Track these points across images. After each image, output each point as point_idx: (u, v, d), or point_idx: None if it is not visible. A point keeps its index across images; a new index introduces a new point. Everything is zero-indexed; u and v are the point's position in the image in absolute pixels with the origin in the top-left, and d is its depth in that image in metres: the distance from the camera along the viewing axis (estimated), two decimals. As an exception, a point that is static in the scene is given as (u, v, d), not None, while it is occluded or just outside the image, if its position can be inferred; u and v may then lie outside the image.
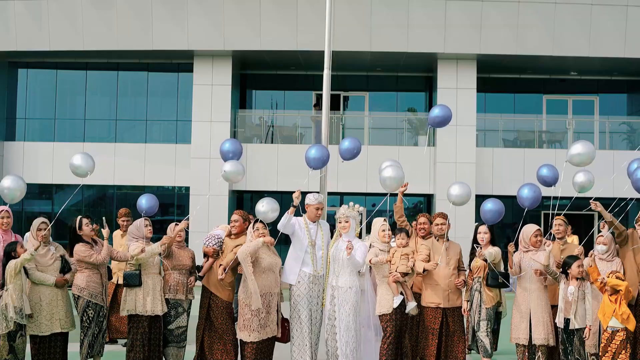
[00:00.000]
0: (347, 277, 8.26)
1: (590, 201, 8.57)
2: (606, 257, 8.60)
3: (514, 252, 8.61)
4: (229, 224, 8.95)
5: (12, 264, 7.84)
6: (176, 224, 8.62)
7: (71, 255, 8.39)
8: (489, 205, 9.06)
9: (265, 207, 8.46)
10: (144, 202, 8.74)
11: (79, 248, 8.24)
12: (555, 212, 9.18)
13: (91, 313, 8.23)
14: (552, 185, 9.28)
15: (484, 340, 8.47)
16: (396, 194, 8.96)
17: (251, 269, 8.02)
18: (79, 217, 8.43)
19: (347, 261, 8.19)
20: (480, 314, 8.57)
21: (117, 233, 10.75)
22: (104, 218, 8.83)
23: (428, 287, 8.54)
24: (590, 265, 8.26)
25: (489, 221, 9.05)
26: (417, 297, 8.66)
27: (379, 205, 9.38)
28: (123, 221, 10.63)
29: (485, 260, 8.47)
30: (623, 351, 7.95)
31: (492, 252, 8.60)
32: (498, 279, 8.59)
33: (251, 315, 8.08)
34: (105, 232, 8.49)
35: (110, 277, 9.26)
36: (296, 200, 8.39)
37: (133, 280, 8.33)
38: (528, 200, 8.93)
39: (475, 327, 8.62)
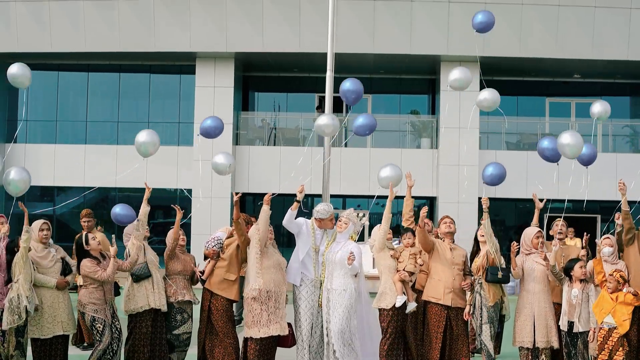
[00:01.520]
0: (342, 280, 8.17)
1: (619, 180, 8.50)
2: (611, 260, 8.55)
3: (517, 251, 8.57)
4: (230, 226, 8.92)
5: (18, 254, 7.82)
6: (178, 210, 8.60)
7: (78, 269, 8.31)
8: (490, 170, 9.01)
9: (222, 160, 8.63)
10: (118, 210, 8.65)
11: (85, 264, 8.11)
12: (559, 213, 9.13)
13: (99, 327, 8.04)
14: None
15: (487, 344, 8.42)
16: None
17: (259, 235, 8.09)
18: (84, 232, 8.37)
19: (341, 263, 8.13)
20: (482, 317, 8.52)
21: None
22: (113, 236, 8.73)
23: (430, 282, 8.47)
24: (595, 257, 8.21)
25: (490, 185, 9.00)
26: (419, 294, 8.60)
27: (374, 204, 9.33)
28: (84, 222, 10.39)
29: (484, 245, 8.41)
30: (620, 348, 7.90)
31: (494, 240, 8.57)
32: (497, 274, 8.49)
33: (260, 310, 8.06)
34: (112, 249, 8.35)
35: (117, 293, 9.05)
36: (299, 195, 8.34)
37: (144, 271, 8.26)
38: (548, 151, 8.90)
39: (477, 331, 8.57)
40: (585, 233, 9.14)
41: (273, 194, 8.32)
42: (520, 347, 8.45)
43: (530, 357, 8.36)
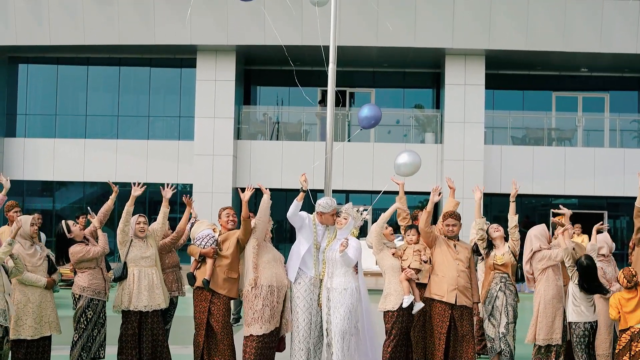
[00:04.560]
0: (342, 278, 7.89)
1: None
2: (605, 258, 8.39)
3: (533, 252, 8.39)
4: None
5: None
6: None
7: (67, 260, 8.06)
8: (365, 112, 9.02)
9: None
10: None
11: (75, 249, 7.93)
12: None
13: (90, 314, 7.92)
14: None
15: (511, 344, 8.24)
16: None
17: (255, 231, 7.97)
18: (63, 221, 8.12)
19: (341, 260, 7.84)
20: (508, 316, 8.28)
21: (5, 229, 9.67)
22: (88, 208, 8.60)
23: (434, 279, 8.19)
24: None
25: (365, 127, 9.22)
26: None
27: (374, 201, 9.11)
28: (15, 213, 9.81)
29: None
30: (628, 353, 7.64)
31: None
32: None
33: (262, 305, 7.82)
34: (96, 220, 8.24)
35: (109, 268, 8.78)
36: (304, 185, 8.08)
37: (117, 272, 8.03)
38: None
39: (504, 330, 8.30)
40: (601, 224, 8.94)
41: (253, 187, 8.16)
42: (540, 345, 8.20)
43: (548, 354, 8.16)
